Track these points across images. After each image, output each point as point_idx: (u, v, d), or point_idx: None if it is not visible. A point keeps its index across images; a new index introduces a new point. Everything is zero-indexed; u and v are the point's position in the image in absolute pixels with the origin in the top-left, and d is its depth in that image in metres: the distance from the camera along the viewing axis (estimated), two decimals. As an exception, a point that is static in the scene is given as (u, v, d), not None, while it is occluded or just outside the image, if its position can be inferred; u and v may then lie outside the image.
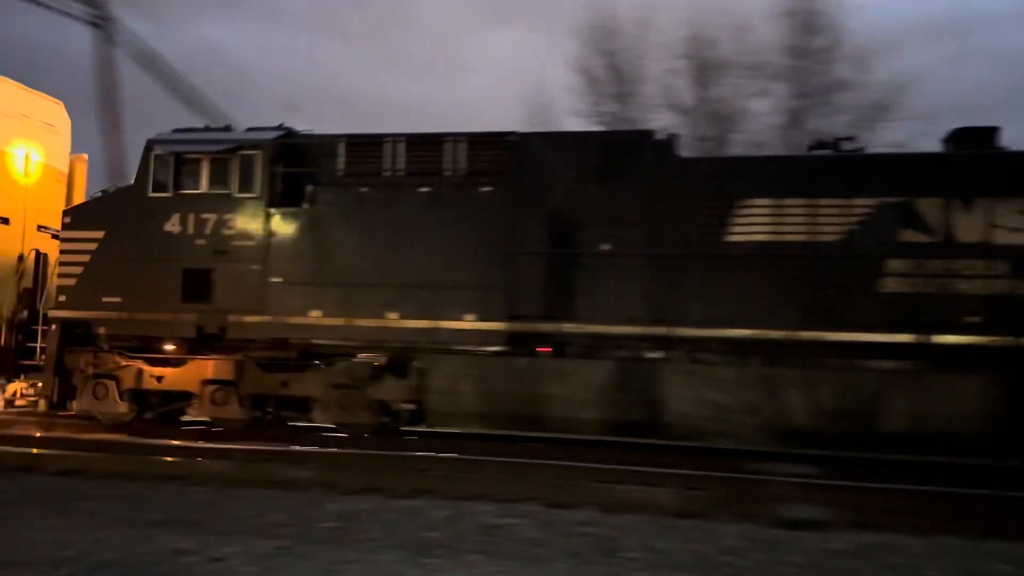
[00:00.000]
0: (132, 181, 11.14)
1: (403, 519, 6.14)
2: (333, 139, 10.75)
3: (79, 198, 13.19)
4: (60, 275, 11.00)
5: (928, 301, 8.95)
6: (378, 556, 5.03)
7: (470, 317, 9.83)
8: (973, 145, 9.55)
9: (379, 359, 10.31)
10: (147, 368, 10.83)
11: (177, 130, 11.30)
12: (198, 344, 10.70)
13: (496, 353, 9.78)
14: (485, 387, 9.69)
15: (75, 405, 11.08)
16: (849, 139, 10.19)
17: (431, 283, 9.94)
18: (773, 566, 5.14)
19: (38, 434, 10.37)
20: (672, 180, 9.76)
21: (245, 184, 10.54)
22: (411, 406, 10.30)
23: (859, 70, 18.30)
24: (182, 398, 11.00)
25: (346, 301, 10.14)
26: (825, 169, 9.66)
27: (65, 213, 11.18)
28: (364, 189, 10.43)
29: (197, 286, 10.50)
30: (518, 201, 9.96)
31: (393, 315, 10.03)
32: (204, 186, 10.67)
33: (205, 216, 10.58)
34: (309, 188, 10.50)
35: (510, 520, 6.13)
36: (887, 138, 16.55)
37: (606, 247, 9.73)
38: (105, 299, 10.69)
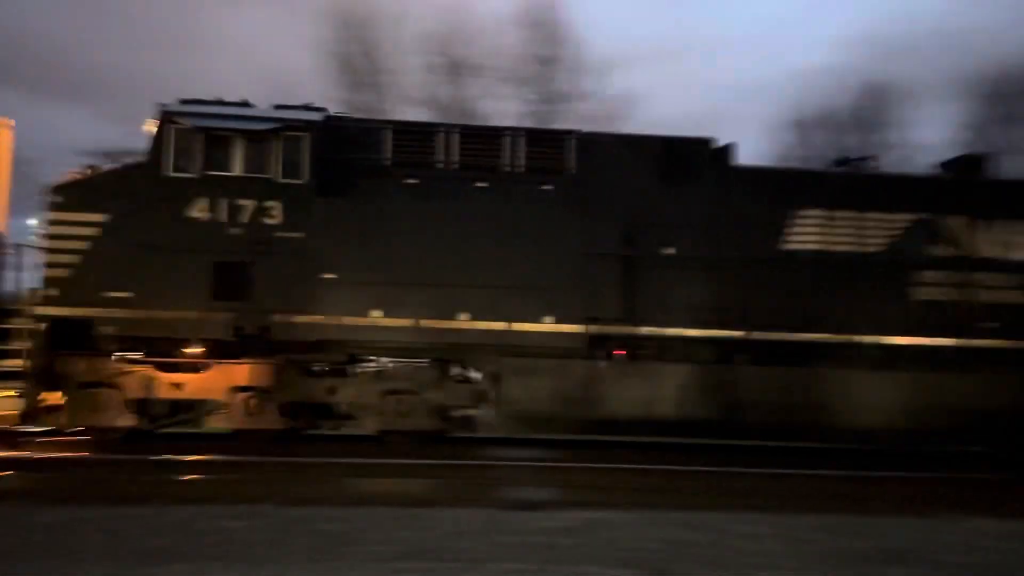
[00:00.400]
0: (139, 156, 9.54)
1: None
2: (380, 125, 9.92)
3: (2, 170, 11.04)
4: (48, 264, 9.19)
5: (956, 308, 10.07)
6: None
7: (548, 320, 9.55)
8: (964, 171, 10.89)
9: (431, 363, 9.77)
10: (161, 375, 9.40)
11: (185, 101, 9.82)
12: (226, 347, 9.46)
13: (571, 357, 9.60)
14: (565, 391, 9.48)
15: (60, 418, 9.38)
16: (870, 158, 11.08)
17: (505, 284, 9.53)
18: (501, 547, 5.23)
19: None
20: (729, 188, 10.12)
21: (290, 168, 9.42)
22: (473, 411, 9.83)
23: (595, 82, 21.02)
24: (190, 408, 9.69)
25: (411, 301, 9.44)
26: (865, 185, 10.51)
27: (55, 190, 9.29)
28: (413, 180, 9.74)
29: (232, 282, 9.25)
30: (584, 201, 9.81)
31: (464, 316, 9.49)
32: (238, 168, 9.39)
33: (241, 202, 9.32)
34: (356, 176, 9.62)
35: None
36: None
37: (671, 251, 9.88)
38: (110, 294, 9.11)
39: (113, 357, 9.35)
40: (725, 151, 10.48)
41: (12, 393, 9.18)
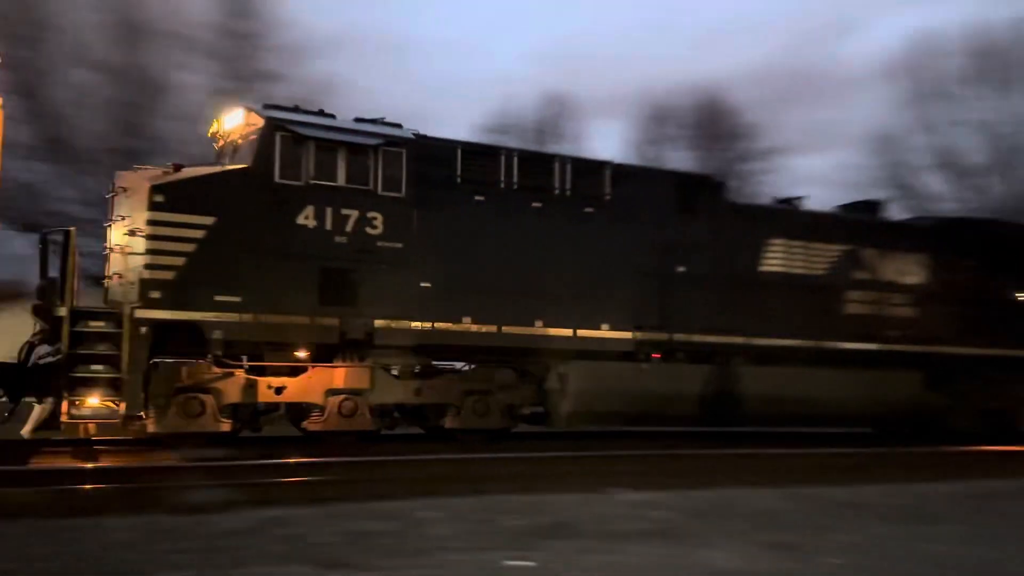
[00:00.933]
0: (241, 160, 9.44)
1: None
2: (454, 144, 10.70)
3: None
4: (150, 266, 8.77)
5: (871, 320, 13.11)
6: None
7: (605, 326, 11.03)
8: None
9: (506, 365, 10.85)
10: (262, 379, 9.42)
11: (269, 106, 9.84)
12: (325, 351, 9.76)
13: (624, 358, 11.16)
14: (620, 388, 10.99)
15: (152, 424, 9.03)
16: (801, 198, 13.88)
17: (571, 294, 10.83)
18: (168, 555, 4.89)
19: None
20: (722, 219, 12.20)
21: (389, 182, 9.91)
22: (538, 408, 11.02)
23: (289, 63, 20.18)
24: (274, 410, 9.83)
25: (496, 309, 10.39)
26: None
27: (156, 189, 8.83)
28: (480, 198, 10.67)
29: (338, 287, 9.58)
30: (619, 224, 11.34)
31: (539, 323, 10.64)
32: (342, 179, 9.69)
33: (345, 212, 9.65)
34: (437, 191, 10.35)
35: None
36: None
37: (683, 269, 11.76)
38: (219, 298, 8.99)
39: (210, 362, 9.20)
40: (721, 187, 12.67)
41: (98, 403, 8.63)
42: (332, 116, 10.22)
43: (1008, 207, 24.93)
